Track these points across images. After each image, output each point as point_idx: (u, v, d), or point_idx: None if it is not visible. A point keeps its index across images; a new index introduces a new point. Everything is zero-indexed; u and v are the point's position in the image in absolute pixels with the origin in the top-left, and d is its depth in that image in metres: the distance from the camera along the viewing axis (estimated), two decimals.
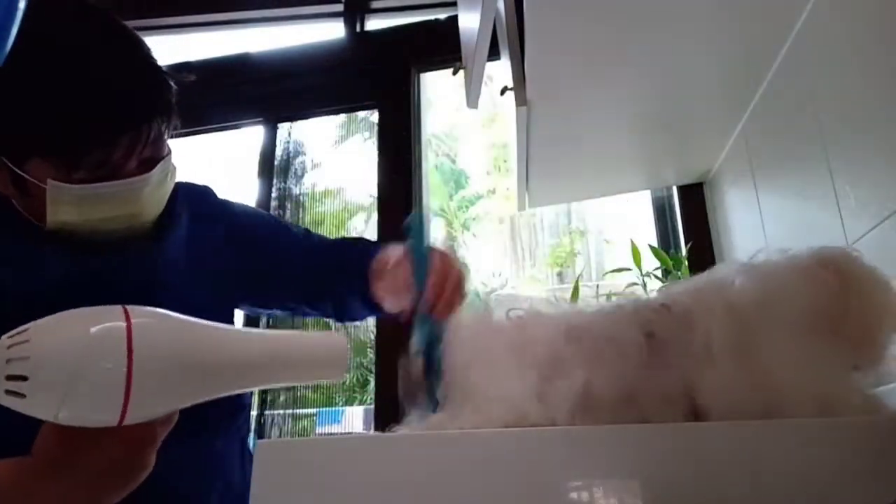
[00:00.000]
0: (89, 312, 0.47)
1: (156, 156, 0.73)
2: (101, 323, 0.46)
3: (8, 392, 0.43)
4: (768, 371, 0.57)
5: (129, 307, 0.48)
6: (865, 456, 0.49)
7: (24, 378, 0.43)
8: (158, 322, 0.49)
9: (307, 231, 0.99)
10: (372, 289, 0.84)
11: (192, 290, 0.79)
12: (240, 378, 0.53)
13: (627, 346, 0.58)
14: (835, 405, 0.56)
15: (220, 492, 0.78)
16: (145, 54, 0.72)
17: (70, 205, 0.69)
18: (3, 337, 0.44)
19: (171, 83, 0.73)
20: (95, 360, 0.44)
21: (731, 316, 0.58)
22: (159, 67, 0.73)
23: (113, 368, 0.44)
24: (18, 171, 0.67)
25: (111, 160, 0.68)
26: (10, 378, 0.43)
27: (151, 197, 0.74)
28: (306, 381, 0.59)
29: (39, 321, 0.45)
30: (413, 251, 0.76)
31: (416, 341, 0.70)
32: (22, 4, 0.44)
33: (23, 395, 0.43)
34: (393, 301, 0.81)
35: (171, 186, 0.78)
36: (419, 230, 0.78)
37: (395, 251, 0.82)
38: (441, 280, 0.74)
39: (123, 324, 0.46)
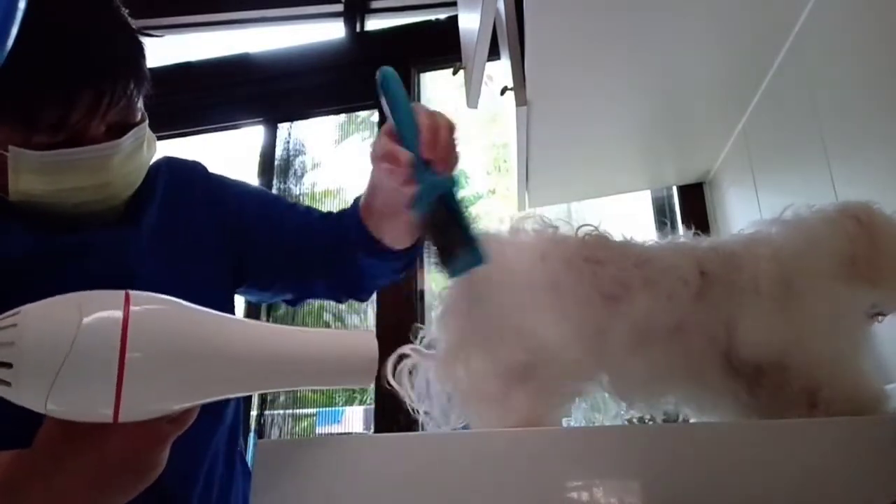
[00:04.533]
0: (86, 297, 0.43)
1: (126, 122, 0.68)
2: (95, 312, 0.42)
3: None
4: (798, 314, 0.63)
5: (133, 293, 0.44)
6: (866, 456, 0.49)
7: (8, 365, 0.40)
8: (162, 313, 0.45)
9: (308, 208, 0.89)
10: (370, 229, 0.76)
11: (169, 277, 0.73)
12: (252, 379, 0.49)
13: (686, 275, 0.63)
14: (844, 364, 0.63)
15: (202, 483, 0.73)
16: (113, 9, 0.68)
17: (33, 173, 0.64)
18: None
19: (142, 44, 0.69)
20: (84, 353, 0.41)
21: (775, 260, 0.65)
22: (128, 24, 0.68)
23: (102, 362, 0.41)
24: None
25: (70, 121, 0.63)
26: None
27: (122, 167, 0.69)
28: (328, 386, 0.54)
29: (32, 305, 0.42)
30: (393, 109, 0.64)
31: (421, 201, 0.61)
32: (22, 4, 0.44)
33: (8, 384, 0.41)
34: (395, 221, 0.73)
35: (147, 159, 0.73)
36: (395, 84, 0.64)
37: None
38: (432, 131, 0.63)
39: (120, 314, 0.43)
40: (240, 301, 0.91)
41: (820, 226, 0.67)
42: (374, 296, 1.10)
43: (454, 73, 1.45)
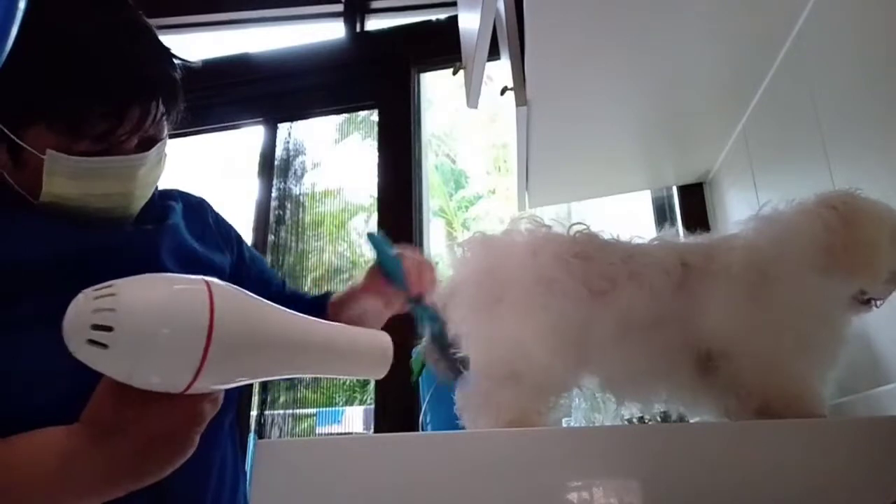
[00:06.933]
0: (171, 276, 0.48)
1: (156, 136, 0.74)
2: (185, 284, 0.47)
3: (90, 342, 0.43)
4: (760, 305, 0.63)
5: (203, 277, 0.48)
6: (865, 456, 0.49)
7: (109, 329, 0.43)
8: (234, 292, 0.50)
9: (284, 280, 1.03)
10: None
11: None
12: (298, 360, 0.53)
13: (668, 266, 0.66)
14: (779, 364, 0.63)
15: (213, 489, 0.74)
16: (155, 36, 0.75)
17: (66, 177, 0.68)
18: (88, 289, 0.44)
19: (176, 64, 0.76)
20: (180, 317, 0.45)
21: (746, 249, 0.66)
22: (169, 50, 0.76)
23: (196, 327, 0.45)
24: (16, 140, 0.67)
25: (116, 134, 0.68)
26: (95, 328, 0.43)
27: (145, 178, 0.74)
28: (350, 375, 0.60)
29: (123, 279, 0.45)
30: (383, 261, 0.88)
31: (428, 330, 0.82)
32: (22, 5, 0.44)
33: (105, 346, 0.43)
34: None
35: (161, 171, 0.79)
36: (382, 243, 0.90)
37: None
38: (417, 270, 0.85)
39: (205, 286, 0.47)
40: None
41: (797, 217, 0.68)
42: None
43: (454, 73, 1.45)
